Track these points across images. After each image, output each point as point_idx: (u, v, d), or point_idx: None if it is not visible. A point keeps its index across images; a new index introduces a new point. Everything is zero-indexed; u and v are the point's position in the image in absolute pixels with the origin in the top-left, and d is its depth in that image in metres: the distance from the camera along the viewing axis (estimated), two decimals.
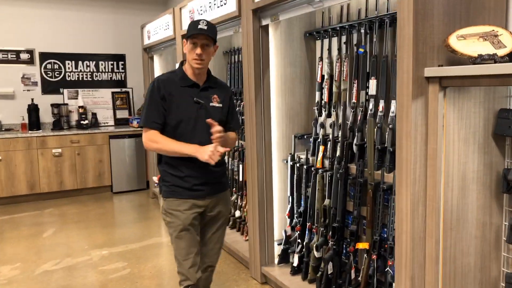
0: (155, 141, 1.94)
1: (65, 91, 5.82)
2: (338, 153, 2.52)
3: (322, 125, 2.70)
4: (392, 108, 2.20)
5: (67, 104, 5.73)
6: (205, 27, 1.90)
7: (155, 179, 2.22)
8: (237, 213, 3.60)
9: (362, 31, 2.45)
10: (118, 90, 6.12)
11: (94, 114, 5.88)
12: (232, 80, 3.90)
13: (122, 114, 6.10)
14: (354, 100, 2.48)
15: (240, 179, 3.59)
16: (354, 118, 2.49)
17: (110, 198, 5.38)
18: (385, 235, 2.18)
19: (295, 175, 2.79)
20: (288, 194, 2.88)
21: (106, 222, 4.36)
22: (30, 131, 5.30)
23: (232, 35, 3.54)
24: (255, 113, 2.76)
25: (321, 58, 2.75)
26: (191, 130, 1.97)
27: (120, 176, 5.60)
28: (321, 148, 2.60)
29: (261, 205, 2.86)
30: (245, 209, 3.48)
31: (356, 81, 2.47)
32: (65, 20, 5.76)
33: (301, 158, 2.78)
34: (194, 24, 1.92)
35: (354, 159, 2.42)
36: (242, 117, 3.68)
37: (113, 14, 6.02)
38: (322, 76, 2.76)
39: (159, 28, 4.50)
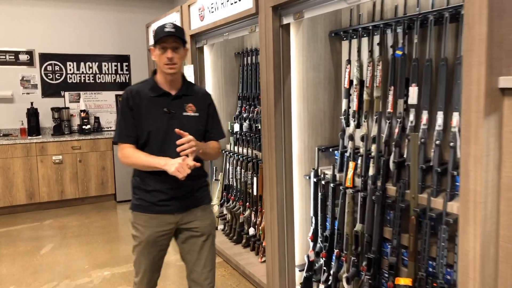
0: (127, 155, 1.88)
1: (66, 94, 5.53)
2: (371, 171, 2.20)
3: (351, 137, 2.38)
4: (440, 121, 1.87)
5: (68, 108, 5.44)
6: (173, 29, 1.82)
7: None
8: (251, 231, 3.28)
9: (399, 30, 2.13)
10: (122, 92, 5.82)
11: (97, 119, 5.59)
12: (244, 84, 3.59)
13: None
14: (389, 110, 2.16)
15: (254, 193, 3.27)
16: (390, 130, 2.16)
17: (114, 208, 5.09)
18: (433, 270, 1.85)
19: (319, 194, 2.46)
20: (311, 214, 2.55)
21: (109, 237, 4.06)
22: (29, 137, 5.01)
23: (245, 34, 3.21)
24: (275, 122, 2.44)
25: (349, 61, 2.43)
26: (161, 142, 1.88)
27: (124, 184, 5.30)
28: (351, 164, 2.28)
29: (280, 225, 2.54)
30: (260, 227, 3.16)
31: (392, 88, 2.15)
32: (66, 19, 5.47)
33: (326, 174, 2.46)
34: (160, 28, 1.84)
35: (391, 179, 2.10)
36: (257, 125, 3.39)
37: (116, 12, 5.72)
38: (350, 81, 2.44)
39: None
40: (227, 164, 3.73)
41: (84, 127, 5.32)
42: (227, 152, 3.69)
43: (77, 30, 5.53)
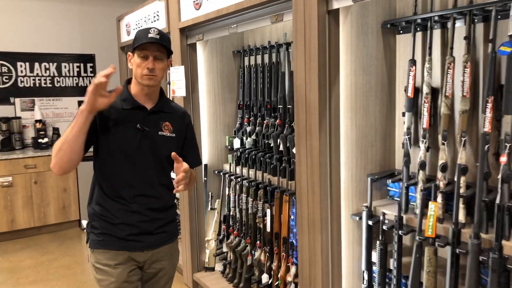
0: (56, 149, 1.56)
1: (17, 100, 4.61)
2: (461, 216, 1.57)
3: (423, 166, 1.74)
4: None
5: (19, 118, 4.54)
6: (158, 36, 1.62)
7: (85, 223, 1.84)
8: (265, 278, 2.58)
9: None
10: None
11: (56, 130, 4.70)
12: (245, 90, 2.89)
13: None
14: (486, 130, 1.54)
15: (268, 228, 2.57)
16: (484, 159, 1.54)
17: (79, 237, 4.23)
18: None
19: (377, 243, 1.80)
20: (363, 268, 1.89)
21: (76, 281, 3.22)
22: None
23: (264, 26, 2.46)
24: (319, 145, 1.76)
25: (413, 62, 1.79)
26: (128, 163, 1.65)
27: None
28: (433, 205, 1.63)
29: (325, 284, 1.86)
30: (279, 275, 2.46)
31: (491, 99, 1.53)
32: (18, 12, 4.54)
33: (386, 215, 1.80)
34: (142, 32, 1.64)
35: (495, 228, 1.47)
36: (268, 141, 2.68)
37: (79, 4, 4.85)
38: (416, 89, 1.81)
39: (145, 20, 3.41)
40: (226, 189, 3.01)
41: (40, 140, 4.42)
42: (226, 175, 2.97)
43: (31, 23, 4.61)
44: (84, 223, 1.93)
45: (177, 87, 2.90)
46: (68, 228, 4.44)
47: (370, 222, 1.84)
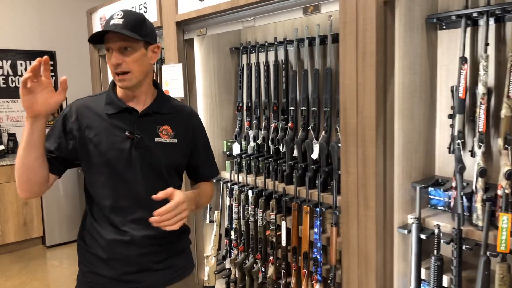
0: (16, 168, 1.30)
1: None
2: None
3: (483, 173, 1.60)
4: None
5: None
6: (120, 21, 1.29)
7: None
8: None
9: None
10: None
11: (12, 136, 4.17)
12: (245, 91, 2.64)
13: None
14: None
15: (283, 242, 2.34)
16: None
17: (43, 257, 3.76)
18: None
19: (432, 259, 1.63)
20: (412, 286, 1.72)
21: None
22: None
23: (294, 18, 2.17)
24: (376, 153, 1.56)
25: (464, 59, 1.64)
26: (117, 180, 1.36)
27: (55, 223, 3.98)
28: (505, 217, 1.48)
29: None
30: None
31: None
32: None
33: (440, 226, 1.64)
34: (107, 20, 1.34)
35: None
36: (278, 146, 2.44)
37: None
38: (467, 89, 1.67)
39: None
40: (226, 198, 2.74)
41: None
42: (226, 183, 2.70)
43: None
44: None
45: (172, 87, 2.59)
46: (30, 247, 3.95)
47: (423, 236, 1.67)
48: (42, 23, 4.37)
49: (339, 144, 1.85)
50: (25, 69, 4.34)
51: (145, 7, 2.80)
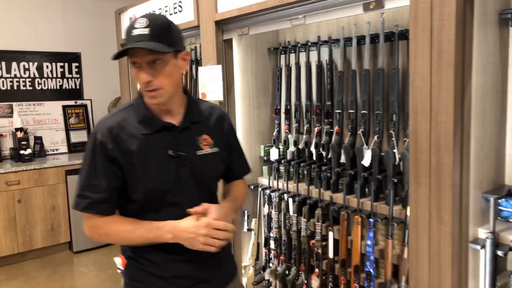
0: (106, 232, 1.28)
1: None
2: None
3: None
4: None
5: None
6: (146, 30, 1.16)
7: (119, 262, 1.64)
8: None
9: None
10: (71, 103, 4.38)
11: (38, 139, 4.12)
12: (284, 93, 2.51)
13: (79, 136, 4.38)
14: None
15: (330, 254, 2.21)
16: None
17: (71, 263, 3.68)
18: None
19: (511, 279, 1.49)
20: None
21: None
22: None
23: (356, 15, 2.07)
24: (453, 162, 1.42)
25: None
26: (171, 204, 1.30)
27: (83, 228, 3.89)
28: None
29: None
30: None
31: None
32: None
33: None
34: (128, 28, 1.21)
35: None
36: (323, 152, 2.30)
37: None
38: None
39: (159, 13, 2.94)
40: (265, 205, 2.62)
41: (22, 152, 3.83)
42: (264, 190, 2.58)
43: (7, 17, 4.00)
44: (118, 261, 1.71)
45: (210, 89, 2.48)
46: (58, 252, 3.88)
47: (499, 253, 1.52)
48: (67, 25, 4.31)
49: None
50: (51, 72, 4.29)
51: (180, 6, 2.69)
